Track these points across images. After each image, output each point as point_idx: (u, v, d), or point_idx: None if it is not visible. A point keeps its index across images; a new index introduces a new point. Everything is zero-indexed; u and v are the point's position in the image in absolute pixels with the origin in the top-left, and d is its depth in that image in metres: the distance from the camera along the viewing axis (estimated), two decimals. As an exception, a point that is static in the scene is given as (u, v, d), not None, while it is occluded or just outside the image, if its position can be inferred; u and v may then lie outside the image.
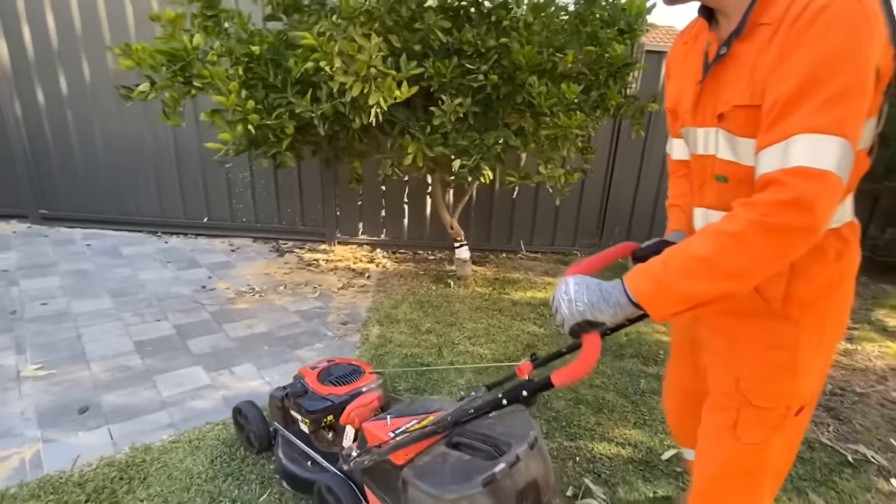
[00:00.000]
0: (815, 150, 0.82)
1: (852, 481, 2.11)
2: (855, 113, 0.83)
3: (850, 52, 0.81)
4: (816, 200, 0.82)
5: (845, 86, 0.81)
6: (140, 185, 4.75)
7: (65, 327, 3.00)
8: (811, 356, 1.07)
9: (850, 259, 1.07)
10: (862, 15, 0.82)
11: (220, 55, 2.60)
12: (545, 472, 1.46)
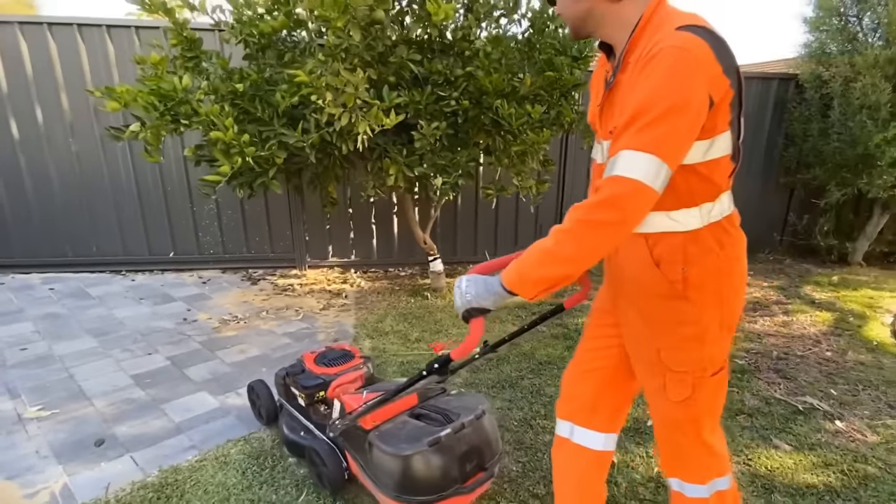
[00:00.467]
0: (629, 162, 1.04)
1: (805, 426, 2.51)
2: (671, 134, 1.04)
3: (667, 89, 1.02)
4: (624, 201, 1.04)
5: (661, 114, 1.02)
6: (100, 224, 4.68)
7: (53, 369, 2.98)
8: (716, 329, 1.26)
9: (733, 245, 1.26)
10: (683, 59, 1.02)
11: (206, 94, 2.75)
12: (489, 440, 1.79)
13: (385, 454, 1.66)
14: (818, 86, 4.90)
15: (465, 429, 1.73)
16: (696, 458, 1.40)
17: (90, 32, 4.29)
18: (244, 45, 3.25)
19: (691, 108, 1.03)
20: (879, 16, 4.42)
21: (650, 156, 1.03)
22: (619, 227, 1.08)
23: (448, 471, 1.65)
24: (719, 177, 1.18)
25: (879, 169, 4.46)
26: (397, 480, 1.64)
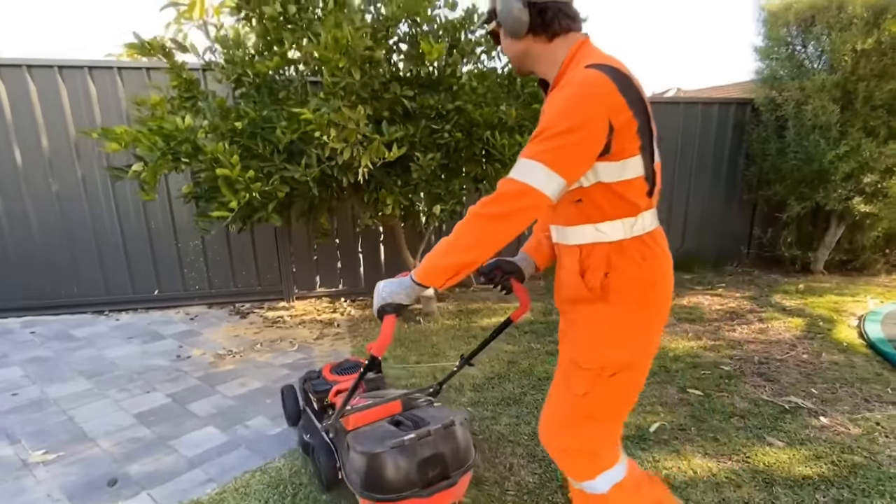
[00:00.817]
0: (523, 168, 1.21)
1: (793, 423, 2.67)
2: (563, 149, 1.19)
3: (566, 112, 1.20)
4: (511, 198, 1.21)
5: (557, 132, 1.19)
6: (82, 264, 4.61)
7: (50, 412, 2.91)
8: (627, 336, 1.36)
9: (655, 259, 1.36)
10: (583, 91, 1.20)
11: (206, 132, 2.83)
12: (455, 450, 1.84)
13: (354, 452, 1.78)
14: (772, 109, 5.30)
15: (430, 436, 1.80)
16: (578, 459, 1.48)
17: (71, 74, 4.30)
18: (237, 84, 3.35)
19: (585, 130, 1.20)
20: (822, 44, 4.86)
21: (540, 164, 1.20)
22: (506, 221, 1.22)
23: (407, 473, 1.73)
24: (635, 196, 1.32)
25: (834, 183, 4.83)
26: (361, 477, 1.75)
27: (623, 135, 1.23)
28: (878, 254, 5.68)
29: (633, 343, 1.38)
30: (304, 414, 2.52)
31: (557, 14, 1.32)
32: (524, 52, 1.40)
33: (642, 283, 1.34)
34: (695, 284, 5.39)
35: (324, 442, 2.14)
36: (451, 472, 1.83)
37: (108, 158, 4.36)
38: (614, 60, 1.28)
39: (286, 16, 2.89)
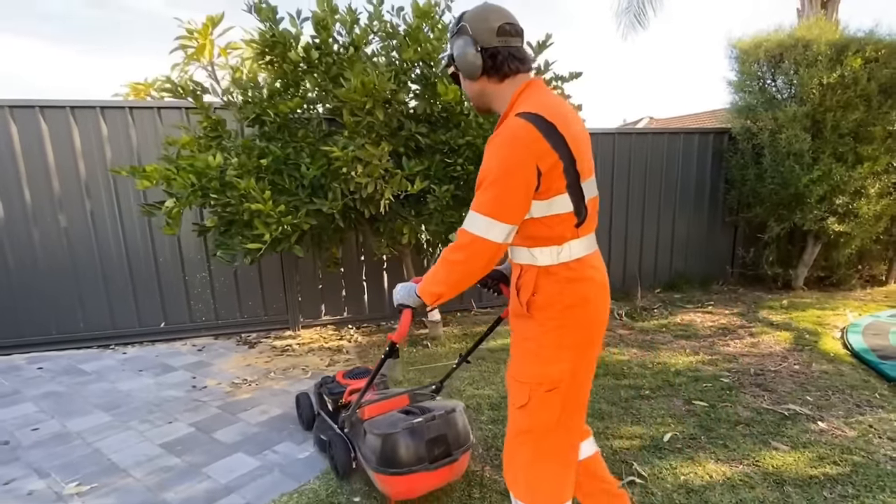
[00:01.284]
0: (470, 219, 1.40)
1: (794, 429, 2.86)
2: (499, 197, 1.35)
3: (494, 164, 1.37)
4: (464, 248, 1.41)
5: (490, 183, 1.36)
6: (88, 299, 4.63)
7: (74, 446, 2.94)
8: (553, 352, 1.48)
9: (580, 282, 1.49)
10: (509, 141, 1.35)
11: (235, 170, 2.97)
12: (456, 432, 2.21)
13: (371, 435, 2.14)
14: (748, 137, 5.67)
15: (436, 420, 2.16)
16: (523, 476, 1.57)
17: (83, 114, 4.42)
18: (255, 123, 3.52)
19: (515, 177, 1.35)
20: (791, 79, 5.27)
21: (481, 216, 1.38)
22: (464, 265, 1.44)
23: (417, 450, 2.08)
24: (562, 229, 1.46)
25: (809, 205, 5.18)
26: (377, 455, 2.10)
27: (550, 176, 1.38)
28: (852, 270, 6.03)
29: (557, 360, 1.49)
30: (318, 417, 2.84)
31: (507, 58, 1.50)
32: (480, 91, 1.57)
33: (563, 304, 1.48)
34: (685, 303, 5.64)
35: (339, 436, 2.47)
36: (453, 450, 2.18)
37: (118, 195, 4.46)
38: (544, 106, 1.41)
39: (308, 61, 3.09)
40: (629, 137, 5.85)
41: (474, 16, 1.52)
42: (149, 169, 2.90)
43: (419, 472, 2.07)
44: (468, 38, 1.50)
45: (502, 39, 1.49)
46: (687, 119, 16.77)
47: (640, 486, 2.39)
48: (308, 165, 2.99)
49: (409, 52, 3.04)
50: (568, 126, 1.41)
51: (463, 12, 1.55)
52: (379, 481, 2.15)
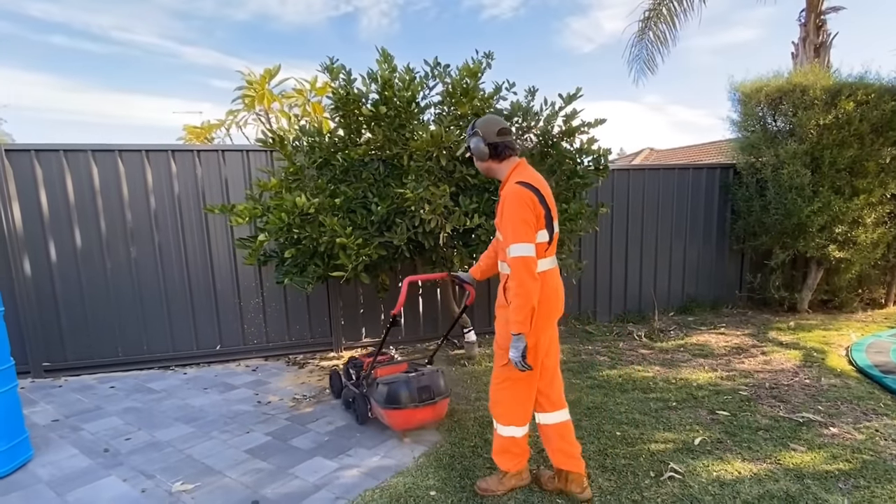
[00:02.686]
0: (515, 249, 2.26)
1: (809, 433, 3.24)
2: (523, 231, 2.27)
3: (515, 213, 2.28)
4: (517, 268, 2.27)
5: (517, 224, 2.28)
6: (151, 323, 5.03)
7: (168, 452, 3.30)
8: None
9: (545, 286, 2.41)
10: (521, 200, 2.29)
11: (315, 209, 3.43)
12: (438, 385, 3.37)
13: (381, 384, 3.32)
14: (752, 172, 6.16)
15: (423, 376, 3.37)
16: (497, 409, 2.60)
17: (156, 157, 4.91)
18: (323, 166, 3.99)
19: (526, 217, 2.30)
20: (790, 119, 5.79)
21: (518, 244, 2.29)
22: (523, 283, 2.28)
23: (410, 394, 3.25)
24: (538, 252, 2.36)
25: (811, 234, 5.62)
26: (384, 397, 3.26)
27: (538, 221, 2.35)
28: (853, 293, 6.43)
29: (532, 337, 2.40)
30: (345, 387, 3.93)
31: (504, 149, 2.49)
32: (487, 168, 2.57)
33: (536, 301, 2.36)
34: (699, 325, 6.03)
35: (360, 395, 3.60)
36: (435, 396, 3.33)
37: (183, 230, 4.91)
38: (533, 178, 2.41)
39: (376, 115, 3.58)
40: (642, 173, 6.34)
41: (484, 123, 2.51)
42: (240, 208, 3.35)
43: (411, 409, 3.25)
44: (479, 137, 2.48)
45: (500, 137, 2.48)
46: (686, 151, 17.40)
47: (679, 481, 2.76)
48: (377, 204, 3.44)
49: (465, 107, 3.52)
50: (546, 191, 2.45)
51: (475, 121, 2.55)
52: (385, 416, 3.31)
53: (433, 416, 3.37)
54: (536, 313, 2.33)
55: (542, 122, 4.12)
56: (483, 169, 2.60)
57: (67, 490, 2.70)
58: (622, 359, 4.93)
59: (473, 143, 2.50)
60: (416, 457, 3.14)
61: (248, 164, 5.11)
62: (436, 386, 3.35)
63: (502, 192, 2.43)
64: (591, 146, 4.03)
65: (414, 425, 3.37)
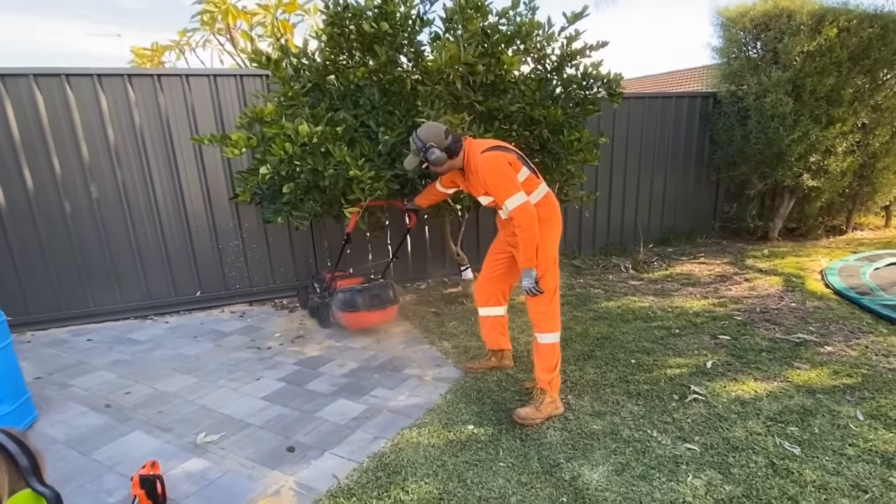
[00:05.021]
0: (514, 198, 2.57)
1: (808, 352, 3.43)
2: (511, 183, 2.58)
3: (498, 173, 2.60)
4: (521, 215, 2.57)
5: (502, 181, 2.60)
6: (122, 271, 4.64)
7: (177, 404, 3.11)
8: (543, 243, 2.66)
9: (549, 207, 2.76)
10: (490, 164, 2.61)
11: (317, 137, 3.13)
12: (387, 294, 3.99)
13: (340, 293, 3.92)
14: (734, 101, 6.19)
15: (373, 287, 3.98)
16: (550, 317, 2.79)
17: (109, 82, 4.33)
18: (313, 91, 3.63)
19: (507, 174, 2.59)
20: (774, 46, 5.77)
21: (514, 196, 2.57)
22: (528, 226, 2.58)
23: (362, 300, 3.88)
24: (528, 185, 2.67)
25: (790, 163, 5.79)
26: (342, 302, 3.89)
27: (514, 165, 2.65)
28: (817, 221, 6.79)
29: (548, 246, 2.73)
30: (310, 299, 4.54)
31: (455, 143, 2.72)
32: (447, 167, 2.80)
33: (539, 218, 2.63)
34: (679, 256, 6.23)
35: (324, 304, 4.21)
36: (384, 304, 3.96)
37: (148, 164, 4.45)
38: (485, 142, 2.76)
39: (378, 32, 3.23)
40: (628, 101, 6.22)
41: (430, 135, 2.69)
42: (234, 137, 3.01)
43: (364, 312, 3.90)
44: (434, 147, 2.68)
45: (448, 137, 2.70)
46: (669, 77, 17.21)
47: (703, 402, 2.87)
48: (385, 132, 3.18)
49: (475, 24, 3.23)
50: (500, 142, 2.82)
51: (418, 135, 2.71)
52: (343, 317, 3.95)
53: (382, 319, 4.05)
54: (543, 233, 2.64)
55: (542, 43, 3.86)
56: (443, 171, 2.84)
57: (92, 449, 2.50)
58: (615, 291, 5.03)
59: (433, 157, 2.68)
60: (443, 394, 3.10)
61: (215, 91, 4.62)
62: (386, 295, 3.97)
63: (473, 167, 2.72)
64: (598, 70, 3.85)
65: (366, 325, 4.06)
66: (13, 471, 0.63)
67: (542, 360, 2.82)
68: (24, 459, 0.64)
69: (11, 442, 0.64)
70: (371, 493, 2.23)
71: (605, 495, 2.17)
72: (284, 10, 5.33)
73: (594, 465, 2.38)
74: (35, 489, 0.63)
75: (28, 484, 0.63)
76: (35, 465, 0.65)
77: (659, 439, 2.55)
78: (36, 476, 0.64)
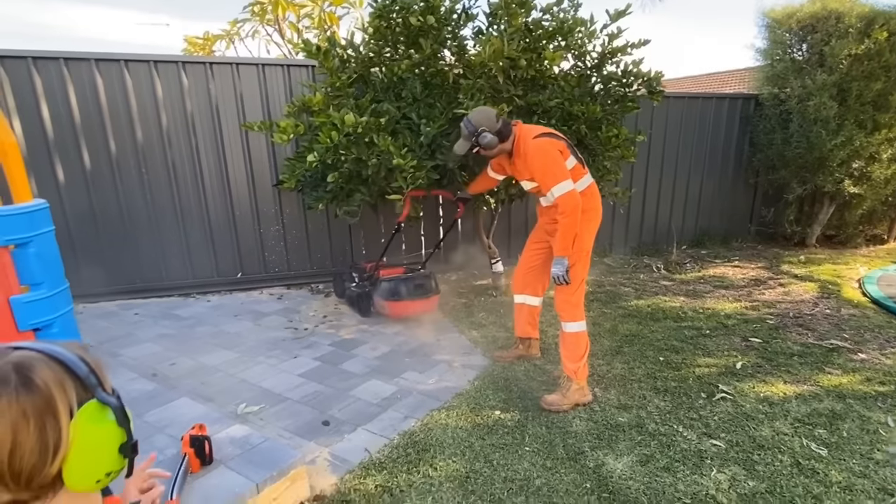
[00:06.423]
0: (561, 186, 2.65)
1: (840, 358, 3.40)
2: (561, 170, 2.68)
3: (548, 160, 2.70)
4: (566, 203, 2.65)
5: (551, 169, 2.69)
6: (169, 250, 4.87)
7: (220, 377, 3.29)
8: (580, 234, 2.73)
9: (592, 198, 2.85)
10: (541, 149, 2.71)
11: (361, 128, 3.24)
12: (429, 284, 4.12)
13: (384, 282, 4.05)
14: (776, 104, 6.08)
15: (416, 276, 4.11)
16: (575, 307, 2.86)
17: (165, 68, 4.55)
18: (357, 82, 3.75)
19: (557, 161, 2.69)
20: (820, 48, 5.64)
21: (561, 182, 2.65)
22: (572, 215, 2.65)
23: (406, 290, 4.00)
24: (575, 174, 2.73)
25: (831, 168, 5.66)
26: (387, 292, 4.00)
27: (564, 154, 2.73)
28: (857, 229, 6.61)
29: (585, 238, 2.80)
30: (347, 288, 4.54)
31: (506, 127, 2.81)
32: (498, 150, 2.87)
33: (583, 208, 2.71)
34: (713, 258, 6.17)
35: (364, 294, 4.27)
36: (427, 293, 4.08)
37: (198, 150, 4.66)
38: (537, 128, 2.83)
39: (424, 26, 3.33)
40: (667, 101, 6.16)
41: (482, 118, 2.78)
42: (283, 124, 3.16)
43: (407, 301, 4.00)
44: (486, 131, 2.77)
45: (499, 121, 2.80)
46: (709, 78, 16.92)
47: (731, 400, 2.89)
48: (426, 124, 3.27)
49: (518, 19, 3.29)
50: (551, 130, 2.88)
51: (470, 120, 2.80)
52: (387, 306, 4.04)
53: (425, 308, 4.14)
54: (583, 224, 2.72)
55: (583, 40, 3.88)
56: (492, 155, 2.91)
57: (143, 412, 2.67)
58: (646, 290, 5.03)
59: (485, 140, 2.77)
60: (471, 380, 3.20)
61: (263, 80, 4.79)
62: (429, 284, 4.08)
63: (523, 151, 2.79)
64: (638, 68, 3.86)
65: (409, 314, 4.13)
66: (77, 383, 0.61)
67: (569, 349, 2.89)
68: (83, 369, 0.62)
69: (69, 354, 0.62)
70: (401, 468, 2.35)
71: (628, 484, 2.23)
72: (331, 2, 5.48)
73: (619, 455, 2.44)
74: (100, 399, 0.62)
75: (93, 394, 0.62)
76: (96, 375, 0.63)
77: (684, 434, 2.59)
78: (100, 386, 0.63)
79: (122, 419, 0.64)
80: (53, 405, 0.57)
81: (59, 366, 0.60)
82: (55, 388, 0.58)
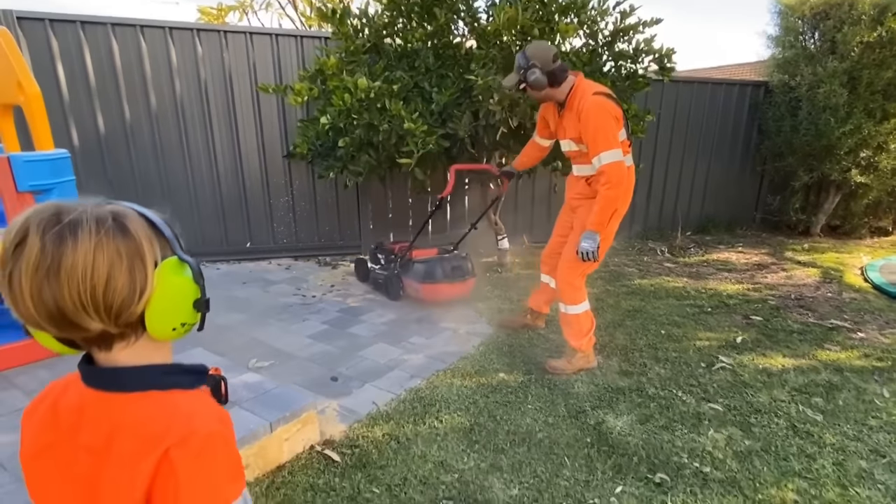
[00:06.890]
0: (608, 155, 2.53)
1: (840, 336, 3.46)
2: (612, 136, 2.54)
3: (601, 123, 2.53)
4: (611, 174, 2.55)
5: (605, 131, 2.53)
6: (181, 217, 4.93)
7: (231, 336, 3.36)
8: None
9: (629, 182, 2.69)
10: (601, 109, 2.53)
11: (374, 93, 3.29)
12: (466, 266, 3.87)
13: (418, 263, 3.78)
14: (786, 91, 6.08)
15: (453, 258, 3.87)
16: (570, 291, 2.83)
17: (180, 35, 4.58)
18: (371, 51, 3.79)
19: (612, 127, 2.53)
20: (832, 35, 5.63)
21: (610, 151, 2.53)
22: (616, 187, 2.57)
23: (442, 272, 3.75)
24: (624, 148, 2.59)
25: (838, 156, 5.68)
26: (421, 274, 3.74)
27: (619, 123, 2.58)
28: (862, 220, 6.63)
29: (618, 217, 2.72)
30: (371, 272, 4.36)
31: (562, 72, 2.62)
32: (544, 95, 2.70)
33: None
34: (717, 244, 6.21)
35: (393, 276, 4.00)
36: (464, 275, 3.85)
37: (210, 117, 4.70)
38: (601, 87, 2.65)
39: (438, -6, 3.35)
40: (676, 86, 6.18)
41: (538, 53, 2.59)
42: (297, 87, 3.20)
43: (442, 283, 3.76)
44: (537, 68, 2.57)
45: (556, 63, 2.60)
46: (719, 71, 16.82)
47: (730, 370, 2.96)
48: (438, 92, 3.32)
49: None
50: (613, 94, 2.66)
51: (525, 52, 2.61)
52: (421, 289, 3.78)
53: (461, 291, 3.89)
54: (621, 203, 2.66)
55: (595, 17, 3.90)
56: (539, 97, 2.75)
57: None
58: (650, 271, 5.09)
59: (533, 77, 2.57)
60: (476, 345, 3.27)
61: (276, 50, 4.82)
62: (465, 267, 3.86)
63: (578, 106, 2.57)
64: (650, 45, 3.89)
65: (445, 298, 3.85)
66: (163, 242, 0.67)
67: (573, 328, 2.87)
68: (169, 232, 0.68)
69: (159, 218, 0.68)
70: (407, 419, 2.43)
71: (627, 440, 2.31)
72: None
73: (619, 414, 2.51)
74: (181, 257, 0.68)
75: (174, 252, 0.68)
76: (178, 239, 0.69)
77: (683, 398, 2.67)
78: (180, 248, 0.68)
79: (198, 276, 0.70)
80: (142, 252, 0.64)
81: (148, 223, 0.67)
82: (144, 239, 0.64)
